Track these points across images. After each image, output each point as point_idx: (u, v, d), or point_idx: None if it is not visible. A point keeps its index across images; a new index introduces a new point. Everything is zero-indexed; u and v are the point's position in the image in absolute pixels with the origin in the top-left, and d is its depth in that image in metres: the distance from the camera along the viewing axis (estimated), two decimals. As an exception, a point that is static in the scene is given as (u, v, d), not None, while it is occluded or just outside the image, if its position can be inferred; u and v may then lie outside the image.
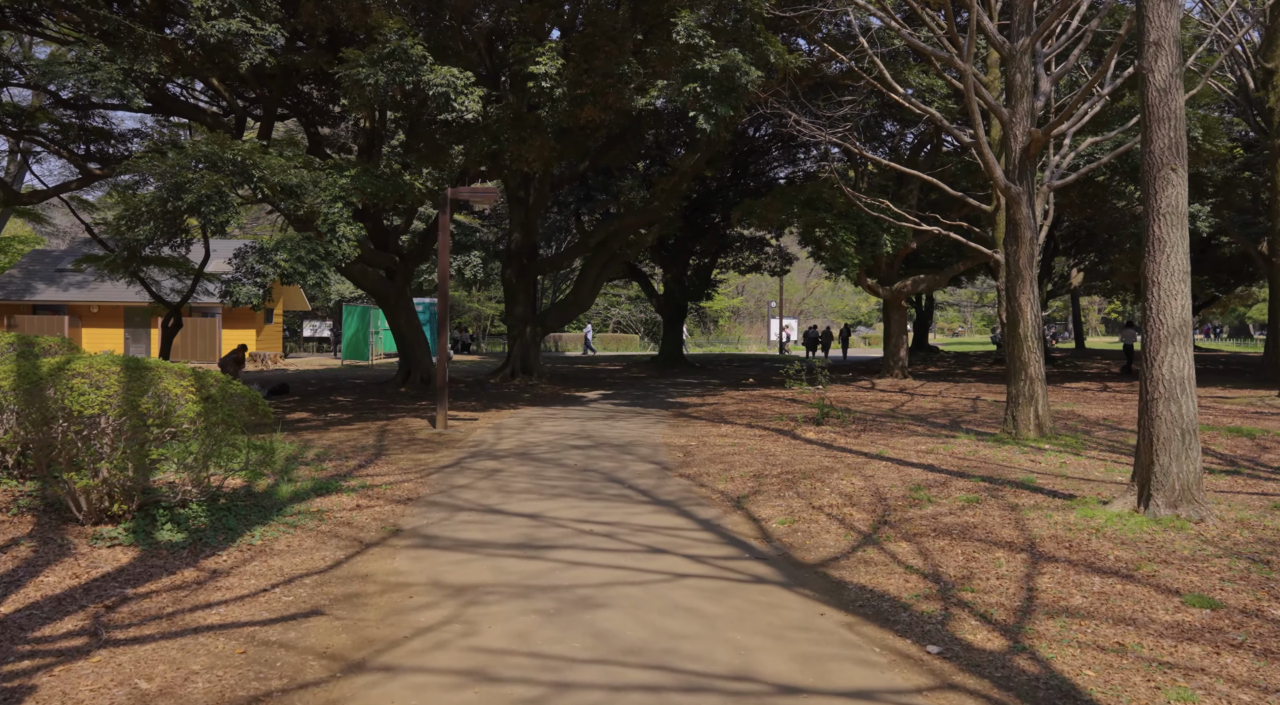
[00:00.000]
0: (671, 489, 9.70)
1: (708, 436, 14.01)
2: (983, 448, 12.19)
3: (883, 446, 12.47)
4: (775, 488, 9.59)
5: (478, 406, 19.16)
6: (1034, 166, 12.88)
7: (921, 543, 7.19)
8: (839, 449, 12.35)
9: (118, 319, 36.31)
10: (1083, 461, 11.00)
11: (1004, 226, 19.55)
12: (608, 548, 7.12)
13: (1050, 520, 7.68)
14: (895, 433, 13.99)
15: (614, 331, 61.76)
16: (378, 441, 13.26)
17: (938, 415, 16.70)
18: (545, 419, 16.76)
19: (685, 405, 19.52)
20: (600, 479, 10.27)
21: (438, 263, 14.57)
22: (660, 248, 35.76)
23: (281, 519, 7.63)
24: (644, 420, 16.57)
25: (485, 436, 14.06)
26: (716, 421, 16.13)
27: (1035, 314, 12.91)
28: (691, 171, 24.43)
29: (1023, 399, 12.82)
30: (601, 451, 12.45)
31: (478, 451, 12.37)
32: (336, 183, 14.24)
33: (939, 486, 9.42)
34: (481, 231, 47.56)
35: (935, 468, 10.64)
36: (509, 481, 10.06)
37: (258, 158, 12.81)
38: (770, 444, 13.00)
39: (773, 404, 19.23)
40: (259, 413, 7.55)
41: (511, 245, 26.17)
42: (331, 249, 13.62)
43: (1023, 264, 12.84)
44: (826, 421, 15.15)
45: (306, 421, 16.03)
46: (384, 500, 8.84)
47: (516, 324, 26.07)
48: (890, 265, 26.80)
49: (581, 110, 17.80)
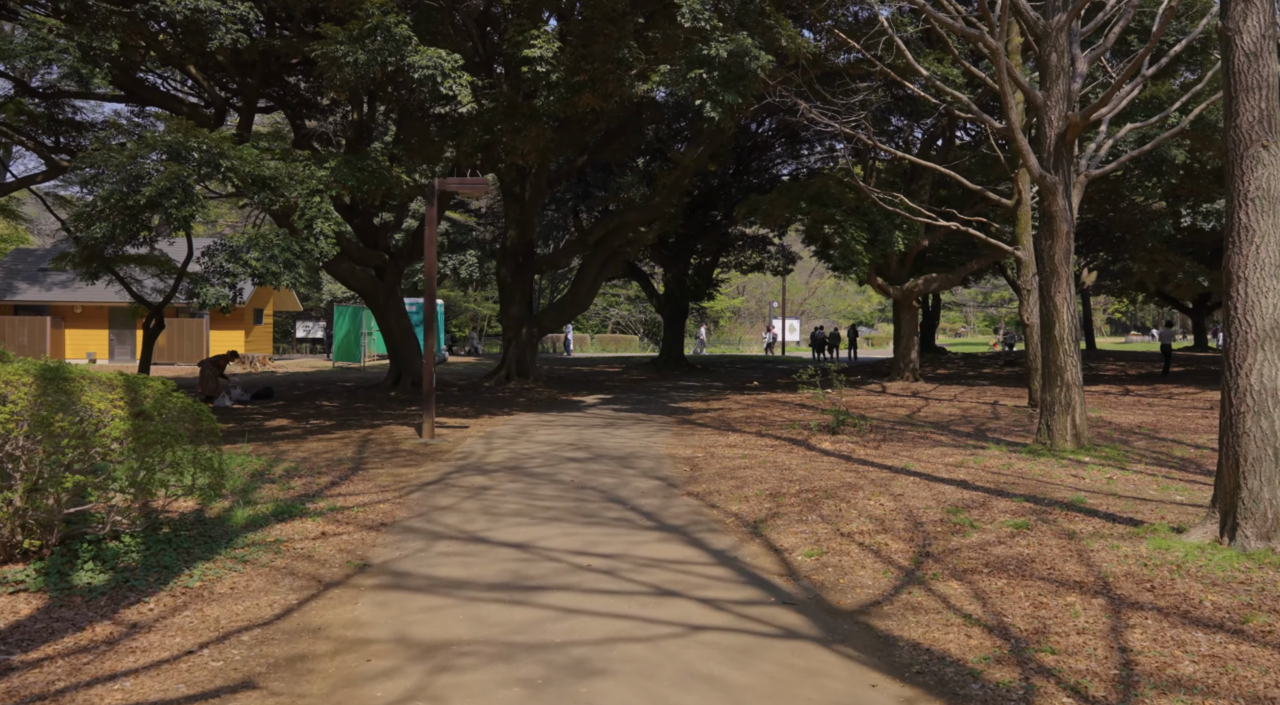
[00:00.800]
0: (679, 511, 8.66)
1: (715, 447, 12.97)
2: (1016, 460, 11.15)
3: (907, 459, 11.43)
4: (795, 509, 8.55)
5: (470, 412, 18.11)
6: (1070, 154, 11.85)
7: (975, 581, 6.15)
8: (859, 461, 11.30)
9: (102, 320, 35.24)
10: (1131, 477, 9.97)
11: (1024, 221, 18.58)
12: (608, 588, 6.08)
13: (1119, 553, 6.64)
14: (918, 443, 12.95)
15: (613, 332, 60.74)
16: (358, 453, 12.21)
17: (958, 422, 15.66)
18: (540, 426, 15.71)
19: (689, 411, 18.48)
20: (599, 498, 9.22)
21: (425, 256, 13.53)
22: (661, 246, 34.73)
23: (230, 552, 6.58)
24: (646, 428, 15.53)
25: (475, 447, 13.01)
26: (723, 429, 15.09)
27: (1072, 314, 11.88)
28: (694, 166, 23.39)
29: (1058, 407, 11.78)
30: (600, 465, 11.41)
31: (465, 465, 11.32)
32: (315, 174, 13.18)
33: (979, 508, 8.39)
34: (478, 230, 46.50)
35: (969, 484, 9.60)
36: (497, 501, 9.01)
37: (226, 147, 11.76)
38: (784, 456, 11.95)
39: (781, 409, 18.19)
40: (204, 428, 6.50)
41: (506, 243, 25.13)
42: (308, 246, 12.56)
43: (1058, 260, 11.80)
44: (842, 430, 14.10)
45: (284, 430, 14.98)
46: (354, 526, 7.79)
47: (512, 325, 25.02)
48: (900, 264, 25.76)
49: (579, 98, 16.76)
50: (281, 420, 16.63)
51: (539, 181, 24.07)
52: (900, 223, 22.58)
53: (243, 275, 12.32)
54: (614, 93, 16.94)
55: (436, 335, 38.59)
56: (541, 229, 38.53)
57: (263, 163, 12.35)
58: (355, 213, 23.21)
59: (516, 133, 17.20)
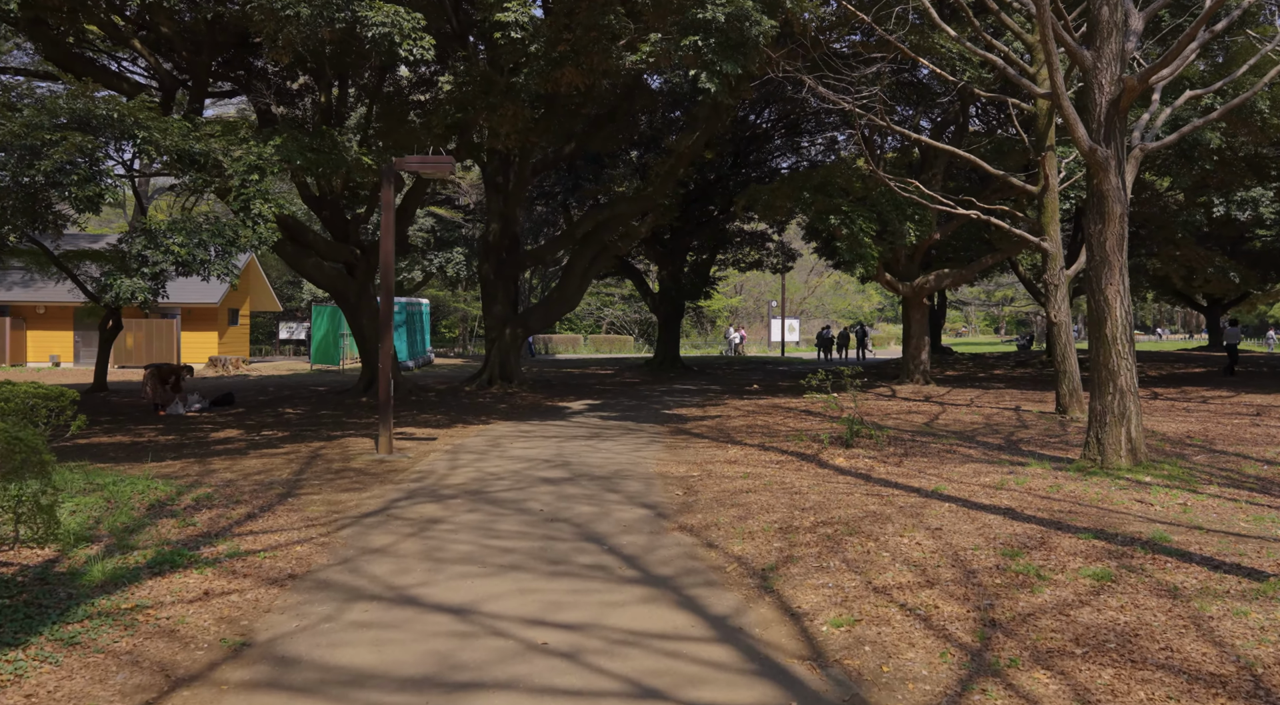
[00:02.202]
0: (669, 553, 6.99)
1: (713, 463, 11.31)
2: (1065, 480, 9.50)
3: (936, 479, 9.77)
4: (813, 550, 6.89)
5: (442, 421, 16.43)
6: (1124, 124, 10.20)
7: (1070, 671, 4.49)
8: (881, 482, 9.65)
9: (67, 321, 33.50)
10: (1208, 504, 8.32)
11: (1051, 210, 16.91)
12: (566, 687, 4.42)
13: (1251, 625, 4.99)
14: (945, 458, 11.29)
15: (607, 332, 59.06)
16: (298, 473, 10.54)
17: (983, 431, 14.02)
18: (517, 438, 14.04)
19: (684, 419, 16.82)
20: (572, 535, 7.56)
21: (381, 247, 11.88)
22: (655, 242, 33.05)
23: (59, 629, 4.90)
24: (635, 439, 13.87)
25: (436, 465, 11.33)
26: (722, 441, 13.43)
27: (1126, 310, 10.23)
28: (689, 153, 21.72)
29: (1110, 417, 10.13)
30: (579, 488, 9.74)
31: (419, 489, 9.64)
32: (255, 150, 11.50)
33: (1039, 548, 6.73)
34: (466, 227, 44.78)
35: (1018, 513, 7.95)
36: (446, 541, 7.34)
37: (145, 117, 10.08)
38: (793, 474, 10.29)
39: (785, 417, 16.54)
40: (24, 448, 4.83)
41: (489, 237, 23.45)
42: (244, 231, 10.88)
43: (1110, 247, 10.15)
44: (857, 442, 12.44)
45: (229, 443, 13.31)
46: (254, 579, 6.12)
47: (495, 325, 23.35)
48: (910, 259, 24.12)
49: (561, 73, 15.11)
50: (231, 431, 14.96)
51: (523, 170, 22.40)
52: (912, 213, 20.94)
53: (165, 264, 10.62)
54: (599, 67, 15.29)
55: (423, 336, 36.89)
56: (531, 225, 36.88)
57: (191, 136, 10.67)
58: (323, 204, 21.53)
59: (493, 111, 15.53)
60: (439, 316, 54.97)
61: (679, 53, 13.79)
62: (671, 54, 14.05)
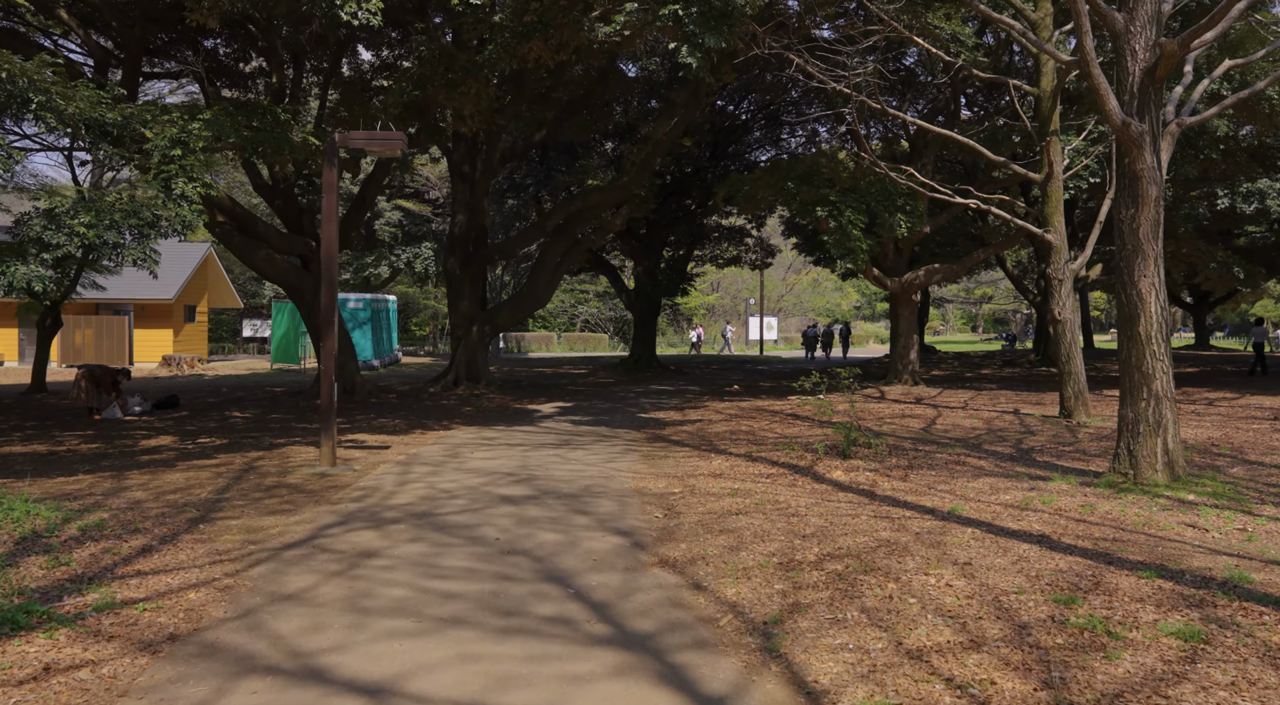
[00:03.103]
0: (648, 599, 5.74)
1: (696, 476, 10.07)
2: (1097, 498, 8.35)
3: (950, 497, 8.59)
4: (823, 594, 5.67)
5: (400, 426, 15.10)
6: (1159, 96, 9.06)
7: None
8: (888, 500, 8.46)
9: (10, 317, 31.76)
10: (1270, 528, 7.19)
11: (1055, 199, 15.77)
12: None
13: None
14: (954, 470, 10.12)
15: (581, 331, 57.72)
16: (222, 491, 9.20)
17: (988, 438, 12.88)
18: (480, 446, 12.75)
19: (661, 423, 15.58)
20: (532, 574, 6.29)
21: (323, 235, 10.58)
22: (631, 237, 31.80)
23: None
24: (609, 447, 12.61)
25: (384, 479, 10.02)
26: (704, 449, 12.20)
27: (1162, 305, 9.09)
28: (667, 140, 20.48)
29: (1144, 426, 8.99)
30: (544, 508, 8.47)
31: (358, 511, 8.33)
32: (180, 124, 10.13)
33: (1096, 591, 5.56)
34: (435, 221, 43.27)
35: (1055, 542, 6.78)
36: (377, 583, 6.05)
37: (42, 79, 8.70)
38: (787, 491, 9.08)
39: (770, 421, 15.34)
40: None
41: (455, 229, 22.10)
42: (164, 213, 9.51)
43: (1144, 234, 9.00)
44: (855, 452, 11.23)
45: (157, 452, 11.93)
46: (120, 643, 4.81)
47: (461, 322, 22.01)
48: (898, 253, 22.99)
49: (527, 46, 13.82)
50: (165, 438, 13.57)
51: (490, 158, 21.07)
52: (903, 204, 19.80)
53: (69, 248, 9.22)
54: (570, 41, 14.01)
55: (390, 334, 35.41)
56: (501, 218, 35.52)
57: (102, 104, 9.30)
58: (276, 192, 20.11)
59: (453, 89, 14.20)
60: (408, 314, 53.45)
61: (657, 24, 12.56)
62: (649, 26, 12.82)
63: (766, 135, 34.93)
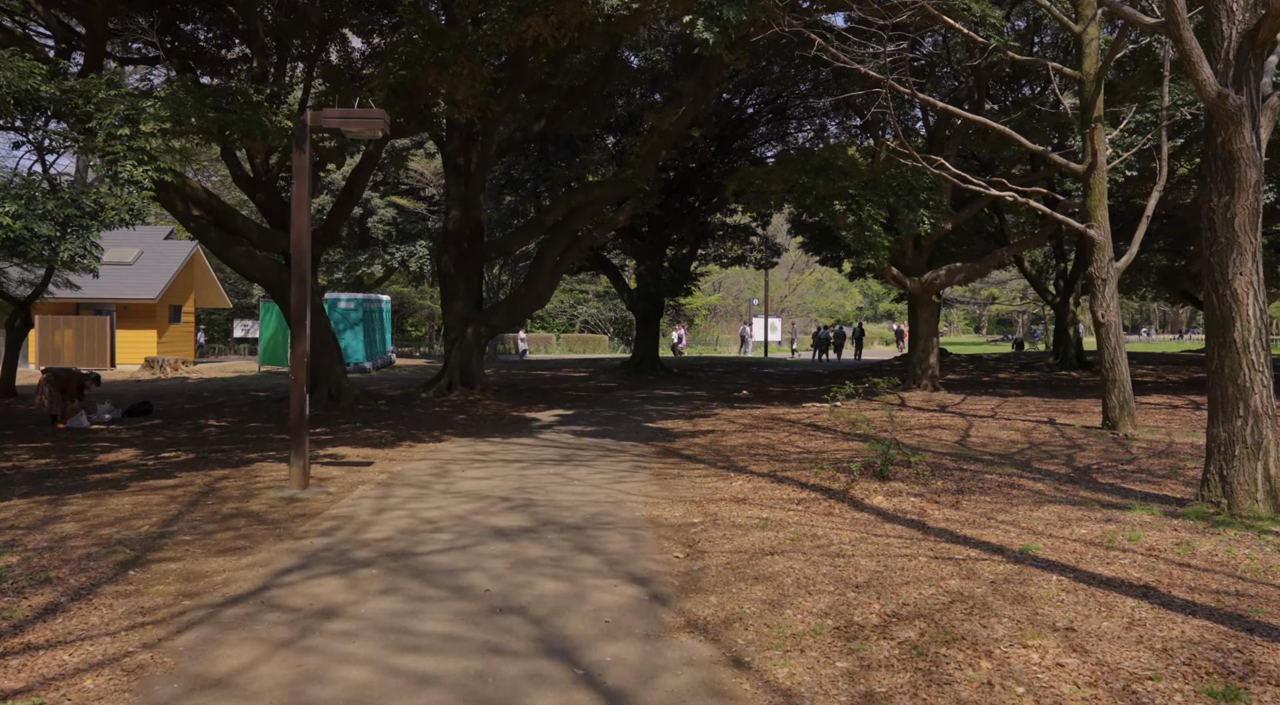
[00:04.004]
0: (678, 686, 4.49)
1: (717, 501, 8.83)
2: (1193, 535, 7.10)
3: (1015, 529, 7.35)
4: (902, 680, 4.42)
5: (386, 437, 13.86)
6: (1260, 65, 7.83)
7: None
8: (943, 535, 7.22)
9: (-15, 318, 30.50)
10: None
11: (1099, 191, 14.51)
12: None
13: None
14: (1010, 495, 8.87)
15: (581, 331, 56.47)
16: (170, 521, 7.94)
17: (1033, 454, 11.62)
18: (472, 462, 11.51)
19: (671, 434, 14.34)
20: (529, 643, 5.05)
21: (292, 225, 9.35)
22: (633, 235, 30.58)
23: None
24: (615, 465, 11.37)
25: (360, 506, 8.77)
26: (722, 467, 10.95)
27: (1261, 308, 7.86)
28: (674, 131, 19.24)
29: (1241, 448, 7.74)
30: (543, 545, 7.22)
31: (324, 549, 7.08)
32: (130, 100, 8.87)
33: (1252, 677, 4.32)
34: (431, 219, 41.98)
35: (1165, 596, 5.54)
36: (332, 659, 4.80)
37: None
38: (824, 521, 7.84)
39: (789, 433, 14.10)
40: None
41: (449, 225, 20.86)
42: (107, 200, 8.26)
43: (1240, 225, 7.76)
44: (893, 472, 9.97)
45: (113, 469, 10.68)
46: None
47: (455, 324, 20.76)
48: (917, 251, 21.74)
49: (525, 23, 12.58)
50: (128, 451, 12.33)
51: (486, 149, 19.82)
52: (926, 199, 18.58)
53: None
54: (573, 18, 12.77)
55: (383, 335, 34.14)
56: (499, 216, 34.28)
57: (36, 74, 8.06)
58: (258, 185, 18.87)
59: (444, 69, 12.95)
60: (404, 314, 52.21)
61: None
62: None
63: (773, 130, 33.75)
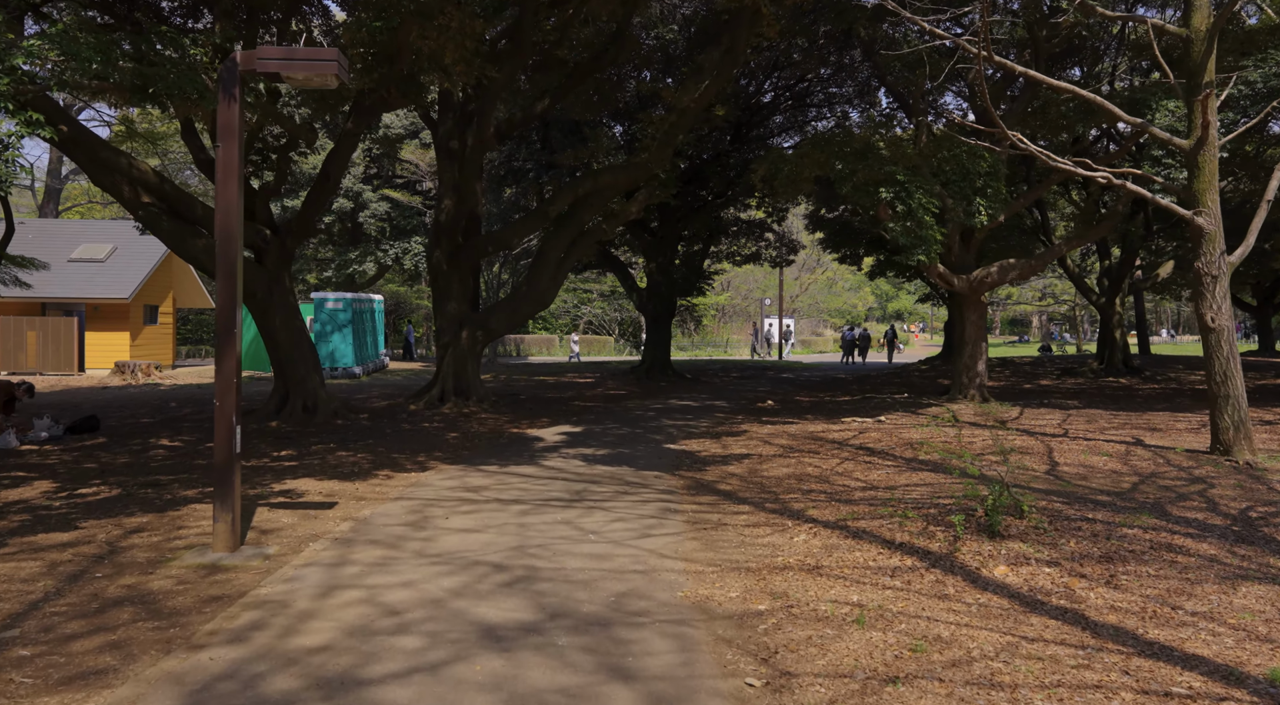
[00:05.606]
0: None
1: (782, 572, 6.54)
2: None
3: (1224, 632, 5.07)
4: None
5: (363, 463, 11.60)
6: None
7: None
8: (1125, 641, 4.93)
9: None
10: None
11: (1209, 172, 12.17)
12: None
13: None
14: (1179, 565, 6.57)
15: (585, 332, 54.20)
16: (21, 614, 5.68)
17: (1156, 493, 9.29)
18: (459, 504, 9.23)
19: (699, 460, 12.06)
20: None
21: (217, 199, 7.09)
22: (642, 230, 28.32)
23: None
24: (638, 506, 9.09)
25: (300, 583, 6.48)
26: (772, 509, 8.66)
27: None
28: (695, 107, 16.97)
29: None
30: (551, 661, 4.94)
31: (224, 676, 4.79)
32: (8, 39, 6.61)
33: None
34: (427, 214, 39.70)
35: None
36: None
37: None
38: (944, 614, 5.57)
39: (839, 458, 11.80)
40: None
41: (441, 216, 18.60)
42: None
43: None
44: (1005, 526, 7.64)
45: (7, 512, 8.42)
46: None
47: (448, 327, 18.50)
48: (964, 247, 19.46)
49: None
50: (41, 484, 10.08)
51: (483, 129, 17.53)
52: (983, 185, 16.32)
53: None
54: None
55: (375, 338, 31.86)
56: (499, 210, 32.02)
57: None
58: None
59: (427, 20, 10.68)
60: (399, 315, 49.92)
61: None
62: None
63: (791, 118, 31.52)
